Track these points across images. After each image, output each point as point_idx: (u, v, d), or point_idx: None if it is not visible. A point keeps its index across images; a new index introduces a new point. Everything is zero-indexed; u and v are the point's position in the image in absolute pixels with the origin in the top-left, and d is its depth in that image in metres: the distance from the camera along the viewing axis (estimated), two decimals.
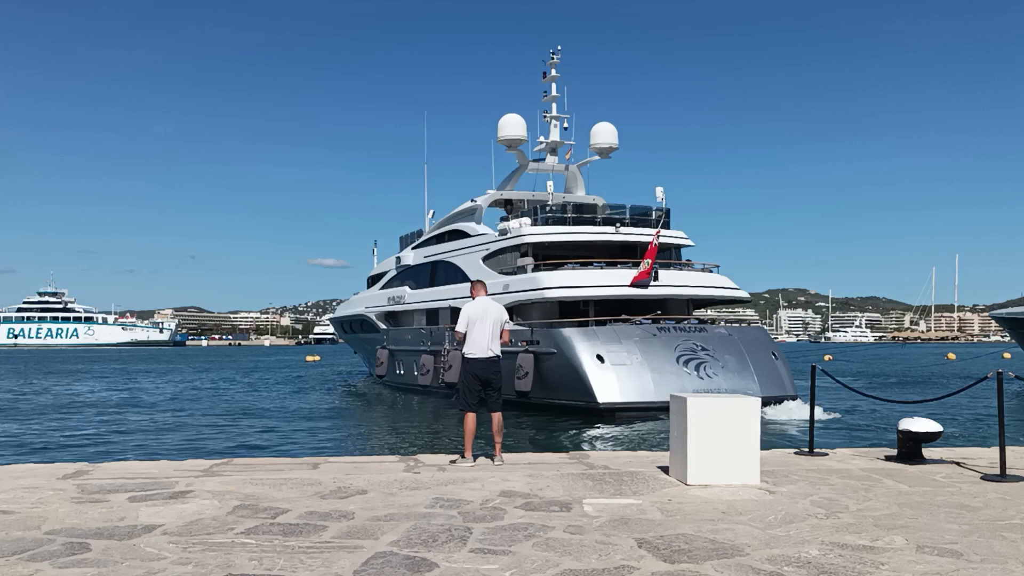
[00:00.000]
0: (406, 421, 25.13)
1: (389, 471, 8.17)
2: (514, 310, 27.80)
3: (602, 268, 28.16)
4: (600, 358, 23.92)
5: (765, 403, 21.33)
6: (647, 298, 27.13)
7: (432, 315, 34.70)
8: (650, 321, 26.07)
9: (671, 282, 27.93)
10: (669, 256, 29.87)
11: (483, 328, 8.99)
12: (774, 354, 26.17)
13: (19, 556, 5.00)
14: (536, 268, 28.49)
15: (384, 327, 39.33)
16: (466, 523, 5.93)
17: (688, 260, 30.96)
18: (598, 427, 21.71)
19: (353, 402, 34.20)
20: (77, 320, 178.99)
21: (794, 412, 22.61)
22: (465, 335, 9.06)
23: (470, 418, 9.10)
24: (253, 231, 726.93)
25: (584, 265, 28.29)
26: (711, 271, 30.11)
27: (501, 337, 9.14)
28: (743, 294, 30.12)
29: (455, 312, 32.12)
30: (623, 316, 26.25)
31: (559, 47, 36.31)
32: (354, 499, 6.77)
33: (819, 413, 19.32)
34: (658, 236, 27.13)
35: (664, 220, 29.50)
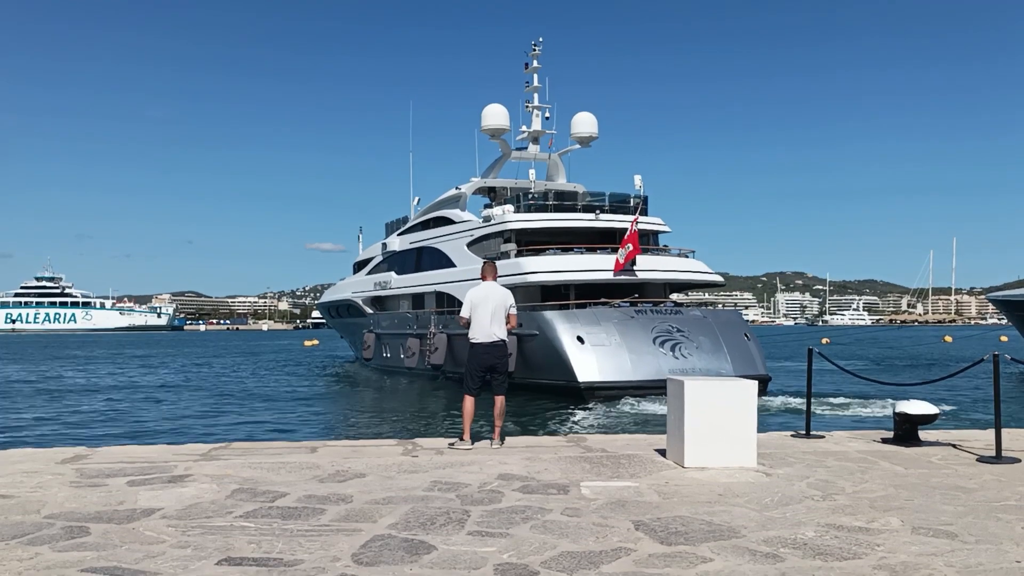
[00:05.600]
0: (402, 404, 25.24)
1: (387, 454, 8.19)
2: None
3: (582, 253, 28.95)
4: (580, 339, 24.65)
5: None
6: (626, 282, 27.91)
7: (418, 299, 35.64)
8: (628, 304, 26.73)
9: (648, 267, 28.72)
10: (647, 242, 30.61)
11: (484, 312, 8.91)
12: (746, 335, 26.85)
13: (19, 540, 5.02)
14: (519, 253, 29.19)
15: (371, 312, 40.07)
16: (464, 506, 5.95)
17: (665, 246, 31.81)
18: (593, 409, 21.84)
19: (350, 386, 34.29)
20: (75, 305, 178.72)
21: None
22: (470, 319, 9.04)
23: (469, 401, 9.08)
24: (250, 216, 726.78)
25: (565, 250, 29.05)
26: (687, 256, 30.91)
27: (508, 322, 9.09)
28: (717, 278, 31.03)
29: (440, 296, 32.88)
30: (602, 299, 26.96)
31: (540, 39, 37.00)
32: (352, 482, 6.78)
33: (815, 399, 19.37)
34: (636, 222, 27.85)
35: (642, 207, 30.24)
